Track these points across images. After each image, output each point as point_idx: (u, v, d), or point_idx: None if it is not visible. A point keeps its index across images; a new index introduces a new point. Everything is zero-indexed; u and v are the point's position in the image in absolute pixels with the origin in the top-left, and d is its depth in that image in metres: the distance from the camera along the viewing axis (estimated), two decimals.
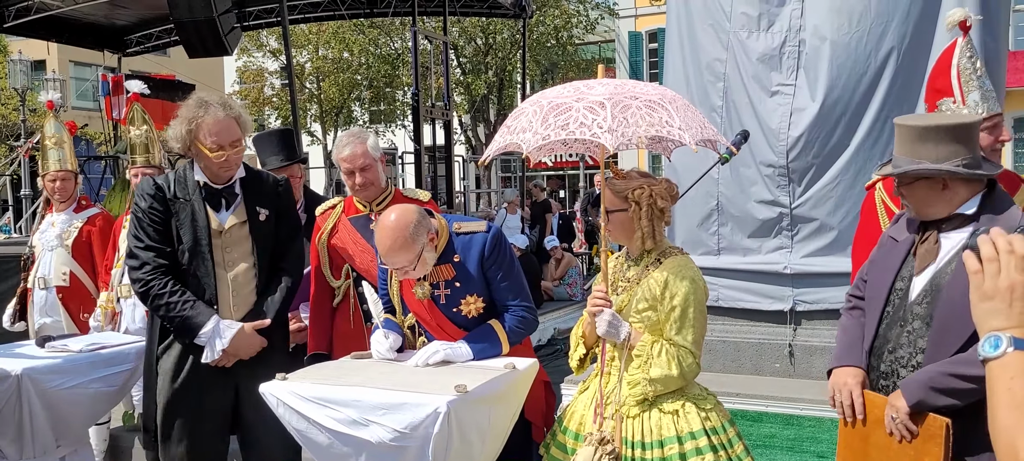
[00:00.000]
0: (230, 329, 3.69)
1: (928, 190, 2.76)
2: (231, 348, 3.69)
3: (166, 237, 3.73)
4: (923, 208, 2.80)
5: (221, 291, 3.75)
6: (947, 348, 2.63)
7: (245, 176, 3.87)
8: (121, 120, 13.74)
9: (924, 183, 2.76)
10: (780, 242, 5.27)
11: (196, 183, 3.77)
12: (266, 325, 3.78)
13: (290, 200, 4.05)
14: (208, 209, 3.76)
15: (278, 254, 3.91)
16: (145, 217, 3.72)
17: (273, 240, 3.89)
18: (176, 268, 3.73)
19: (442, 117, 15.13)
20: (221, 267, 3.76)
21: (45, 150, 5.79)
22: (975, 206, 2.74)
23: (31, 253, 5.87)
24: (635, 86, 3.10)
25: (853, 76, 4.95)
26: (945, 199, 2.75)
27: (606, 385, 3.15)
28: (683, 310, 3.04)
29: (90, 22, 15.57)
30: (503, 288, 3.48)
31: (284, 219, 3.95)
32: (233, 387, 3.79)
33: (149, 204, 3.72)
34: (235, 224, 3.80)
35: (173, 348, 3.80)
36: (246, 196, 3.84)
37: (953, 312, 2.61)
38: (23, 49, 22.72)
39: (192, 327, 3.67)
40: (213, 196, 3.78)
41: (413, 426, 2.86)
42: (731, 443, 3.08)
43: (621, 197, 3.15)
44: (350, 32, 29.17)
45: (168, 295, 3.67)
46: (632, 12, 32.55)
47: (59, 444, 4.23)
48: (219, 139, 3.67)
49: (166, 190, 3.76)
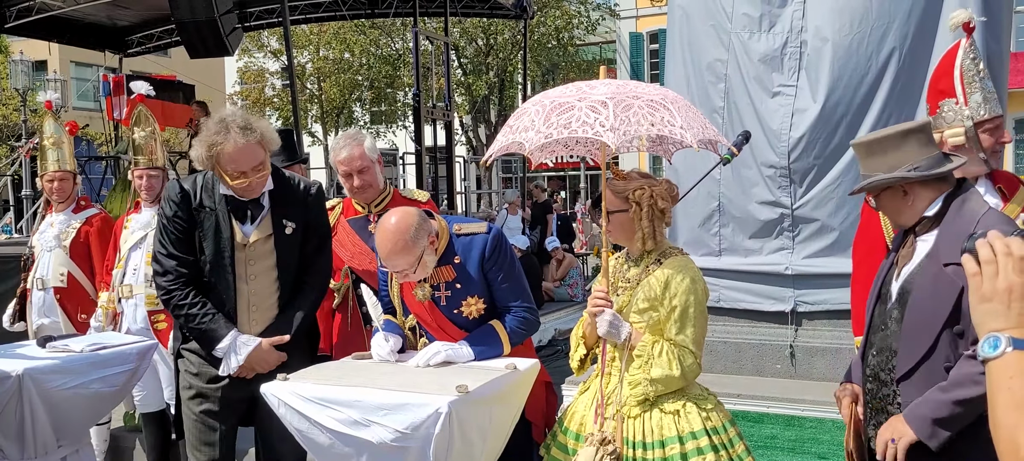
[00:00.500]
0: (246, 346, 3.64)
1: (891, 199, 2.83)
2: (247, 364, 3.65)
3: (189, 246, 3.68)
4: (895, 217, 2.89)
5: (240, 305, 3.71)
6: (918, 348, 2.68)
7: (273, 188, 3.75)
8: (122, 120, 13.76)
9: (887, 194, 2.84)
10: (781, 243, 5.26)
11: (222, 195, 3.68)
12: (285, 341, 3.71)
13: (320, 209, 3.91)
14: (233, 222, 3.68)
15: (304, 267, 3.81)
16: (169, 225, 3.68)
17: (299, 253, 3.78)
18: (199, 277, 3.69)
19: (443, 118, 15.13)
20: (242, 281, 3.70)
21: (44, 150, 5.78)
22: (937, 206, 2.78)
23: (31, 253, 5.87)
24: (637, 86, 3.11)
25: (854, 77, 4.95)
26: (909, 205, 2.81)
27: (607, 385, 3.15)
28: (684, 310, 3.05)
29: (91, 22, 15.57)
30: (504, 289, 3.48)
31: (312, 230, 3.83)
32: (250, 395, 3.73)
33: (174, 212, 3.67)
34: (260, 238, 3.71)
35: (193, 344, 3.79)
36: (274, 209, 3.74)
37: (920, 314, 2.69)
38: (24, 49, 22.75)
39: (211, 340, 3.65)
40: (239, 207, 3.70)
41: (414, 426, 2.86)
42: (732, 443, 3.08)
43: (622, 198, 3.15)
44: (351, 33, 29.19)
45: (188, 306, 3.65)
46: (633, 13, 32.58)
47: (60, 444, 4.23)
48: (239, 166, 3.56)
49: (193, 197, 3.68)
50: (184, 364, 3.83)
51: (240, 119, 3.60)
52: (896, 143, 2.78)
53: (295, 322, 3.75)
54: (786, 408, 4.76)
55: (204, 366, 3.75)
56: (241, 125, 3.55)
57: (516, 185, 21.86)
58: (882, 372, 2.84)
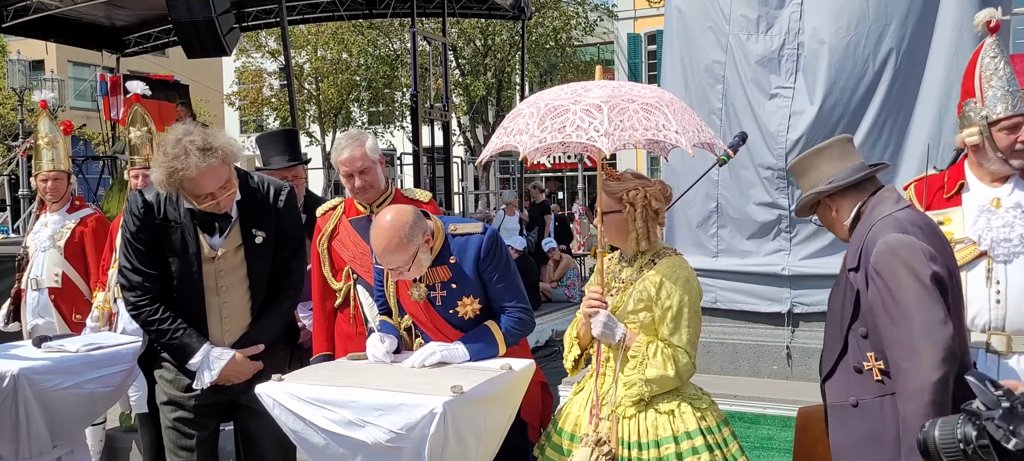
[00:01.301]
0: (219, 360, 3.59)
1: (825, 215, 2.98)
2: (221, 377, 3.61)
3: (155, 261, 3.58)
4: (833, 230, 3.00)
5: (211, 318, 3.64)
6: (832, 349, 2.83)
7: (241, 198, 3.63)
8: (119, 120, 13.74)
9: (821, 210, 2.98)
10: (779, 244, 5.26)
11: (188, 209, 3.57)
12: (259, 351, 3.67)
13: (292, 213, 3.81)
14: (200, 235, 3.58)
15: (278, 273, 3.74)
16: (134, 239, 3.58)
17: (271, 261, 3.70)
18: (169, 291, 3.61)
19: (441, 118, 15.13)
20: (213, 293, 3.62)
21: (38, 150, 5.77)
22: (852, 215, 2.88)
23: (25, 253, 5.86)
24: (632, 88, 3.10)
25: (851, 79, 4.94)
26: (837, 218, 2.93)
27: (601, 386, 3.15)
28: (678, 310, 3.06)
29: (88, 22, 15.58)
30: (499, 289, 3.48)
31: (284, 237, 3.74)
32: (228, 400, 3.73)
33: (137, 227, 3.57)
34: (229, 250, 3.62)
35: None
36: (242, 219, 3.64)
37: (833, 317, 2.86)
38: (21, 49, 22.76)
39: (183, 355, 3.60)
40: (206, 220, 3.58)
41: (409, 427, 2.86)
42: (726, 443, 3.09)
43: (615, 199, 3.15)
44: (349, 33, 29.16)
45: (159, 321, 3.58)
46: (631, 14, 32.58)
47: (55, 444, 4.22)
48: (206, 189, 3.43)
49: (156, 210, 3.57)
50: (160, 371, 3.78)
51: (199, 140, 3.39)
52: (813, 162, 2.93)
53: (269, 331, 3.71)
54: (782, 409, 4.75)
55: (179, 376, 3.70)
56: (201, 147, 3.36)
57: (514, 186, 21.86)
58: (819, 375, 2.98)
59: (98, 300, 5.39)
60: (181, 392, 3.70)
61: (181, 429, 3.72)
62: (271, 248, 3.70)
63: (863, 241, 2.73)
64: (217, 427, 3.84)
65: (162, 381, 3.77)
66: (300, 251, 3.87)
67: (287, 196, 3.77)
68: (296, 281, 3.84)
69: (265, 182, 3.79)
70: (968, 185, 3.43)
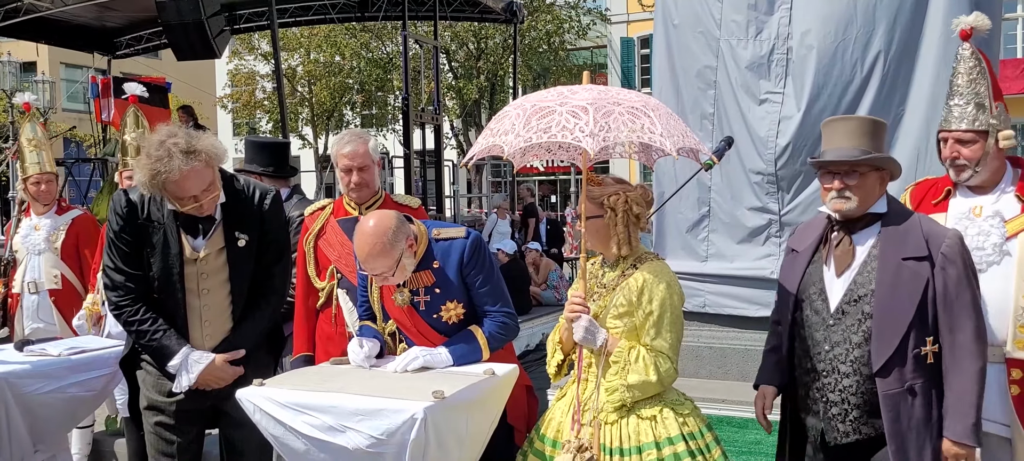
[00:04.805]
0: (198, 364, 3.56)
1: (869, 182, 3.00)
2: (200, 381, 3.58)
3: (138, 261, 3.56)
4: (867, 201, 3.00)
5: (192, 320, 3.61)
6: (891, 339, 2.92)
7: (226, 200, 3.61)
8: (111, 122, 13.70)
9: (869, 176, 2.99)
10: (768, 249, 5.25)
11: (171, 210, 3.54)
12: (240, 356, 3.64)
13: (277, 219, 3.77)
14: (182, 236, 3.55)
15: (261, 277, 3.71)
16: (117, 239, 3.56)
17: (254, 265, 3.68)
18: (149, 292, 3.59)
19: (432, 122, 15.11)
20: (194, 296, 3.59)
21: (23, 153, 5.74)
22: (885, 206, 3.03)
23: (12, 257, 5.81)
24: (619, 93, 3.10)
25: (839, 84, 4.94)
26: (879, 194, 3.02)
27: (583, 392, 3.14)
28: (660, 315, 3.05)
29: (80, 24, 15.53)
30: (483, 294, 3.47)
31: (268, 241, 3.71)
32: (209, 405, 3.70)
33: (120, 227, 3.55)
34: (211, 252, 3.59)
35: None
36: (226, 221, 3.61)
37: (889, 308, 2.93)
38: (12, 50, 22.69)
39: (162, 356, 3.57)
40: (189, 221, 3.55)
41: (390, 432, 2.85)
42: (709, 448, 3.09)
43: (597, 204, 3.15)
44: (342, 36, 29.15)
45: (139, 322, 3.56)
46: (624, 18, 32.60)
47: (37, 449, 4.20)
48: (189, 192, 3.41)
49: (139, 210, 3.55)
50: (141, 374, 3.76)
51: (182, 142, 3.36)
52: (876, 129, 3.07)
53: (251, 335, 3.68)
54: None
55: (160, 380, 3.67)
56: (184, 149, 3.34)
57: (505, 189, 21.84)
58: (842, 365, 3.03)
59: (87, 301, 5.36)
60: (163, 396, 3.67)
61: (162, 434, 3.69)
62: (254, 252, 3.68)
63: (922, 231, 2.94)
64: (200, 433, 3.81)
65: (144, 385, 3.75)
66: (284, 256, 3.84)
67: (272, 201, 3.75)
68: (278, 286, 3.81)
69: (251, 185, 3.76)
70: (956, 191, 3.44)
